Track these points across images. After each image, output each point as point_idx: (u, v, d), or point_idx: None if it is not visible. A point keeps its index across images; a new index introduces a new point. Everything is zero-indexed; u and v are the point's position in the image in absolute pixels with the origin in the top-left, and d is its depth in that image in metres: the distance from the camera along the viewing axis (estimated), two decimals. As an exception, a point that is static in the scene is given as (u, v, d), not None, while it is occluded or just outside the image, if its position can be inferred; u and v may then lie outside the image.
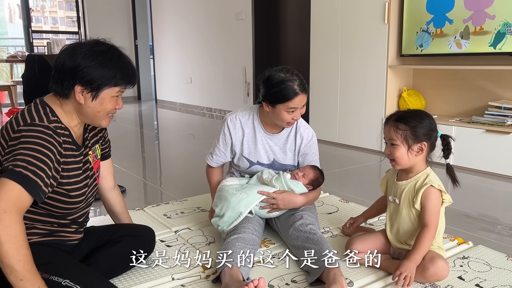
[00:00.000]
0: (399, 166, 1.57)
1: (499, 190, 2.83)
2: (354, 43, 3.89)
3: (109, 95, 1.36)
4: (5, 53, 8.04)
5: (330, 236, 1.96)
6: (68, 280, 1.22)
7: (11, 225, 1.11)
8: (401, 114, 1.57)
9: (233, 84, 5.97)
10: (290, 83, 1.73)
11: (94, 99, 1.34)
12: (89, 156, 1.47)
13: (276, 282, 1.55)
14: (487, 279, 1.58)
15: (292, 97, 1.74)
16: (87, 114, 1.37)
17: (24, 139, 1.23)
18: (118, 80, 1.35)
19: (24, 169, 1.18)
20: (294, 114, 1.78)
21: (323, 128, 4.21)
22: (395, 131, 1.54)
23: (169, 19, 7.22)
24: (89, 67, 1.30)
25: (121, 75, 1.35)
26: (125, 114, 6.64)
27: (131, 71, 1.40)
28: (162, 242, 1.89)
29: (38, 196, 1.20)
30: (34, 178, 1.19)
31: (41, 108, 1.32)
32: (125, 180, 2.97)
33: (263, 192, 1.80)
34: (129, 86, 1.41)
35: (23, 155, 1.20)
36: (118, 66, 1.35)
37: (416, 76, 3.85)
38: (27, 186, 1.17)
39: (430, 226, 1.51)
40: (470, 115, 3.34)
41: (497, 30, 3.03)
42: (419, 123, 1.53)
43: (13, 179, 1.16)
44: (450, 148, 1.59)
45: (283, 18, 5.31)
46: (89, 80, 1.31)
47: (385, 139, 1.60)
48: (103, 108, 1.37)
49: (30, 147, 1.22)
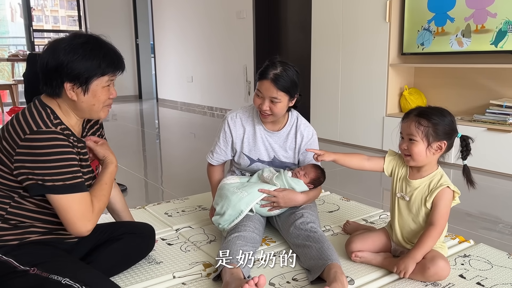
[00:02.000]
0: (415, 162, 1.53)
1: (501, 189, 2.83)
2: (355, 41, 3.89)
3: (99, 86, 1.33)
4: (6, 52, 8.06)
5: (331, 234, 1.96)
6: (68, 279, 1.22)
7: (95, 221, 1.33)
8: (423, 110, 1.52)
9: (234, 83, 5.96)
10: (271, 67, 1.75)
11: (85, 93, 1.32)
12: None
13: (277, 280, 1.55)
14: (488, 277, 1.57)
15: (261, 78, 1.77)
16: (83, 109, 1.36)
17: (40, 150, 1.23)
18: (104, 69, 1.32)
19: (65, 180, 1.25)
20: (261, 101, 1.79)
21: (324, 126, 4.21)
22: (417, 126, 1.48)
23: (170, 18, 7.22)
24: (73, 62, 1.28)
25: (106, 63, 1.32)
26: (126, 113, 6.64)
27: (115, 57, 1.36)
28: (163, 240, 1.89)
29: (86, 188, 1.32)
30: (76, 181, 1.27)
31: (42, 109, 1.31)
32: (127, 178, 2.97)
33: (263, 190, 1.80)
34: (118, 73, 1.38)
35: (52, 169, 1.23)
36: (101, 55, 1.31)
37: (417, 74, 3.84)
38: (76, 189, 1.27)
39: (437, 225, 1.49)
40: (471, 114, 3.34)
41: (498, 29, 3.03)
42: (442, 120, 1.49)
43: (65, 193, 1.25)
44: (470, 149, 1.54)
45: (284, 16, 5.31)
46: (76, 75, 1.29)
47: (401, 134, 1.55)
48: (97, 100, 1.34)
49: (53, 158, 1.23)
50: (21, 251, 1.27)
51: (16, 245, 1.28)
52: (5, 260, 1.25)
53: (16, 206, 1.29)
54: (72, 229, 1.28)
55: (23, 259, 1.25)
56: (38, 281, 1.22)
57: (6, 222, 1.29)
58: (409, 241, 1.62)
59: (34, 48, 7.74)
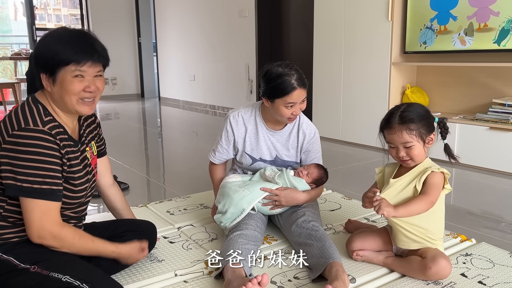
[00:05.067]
0: (416, 162, 1.55)
1: (503, 188, 2.82)
2: (357, 40, 3.88)
3: (67, 75, 1.26)
4: (9, 51, 8.07)
5: (333, 233, 1.96)
6: (69, 276, 1.22)
7: (53, 240, 1.27)
8: (403, 115, 1.51)
9: (236, 82, 5.96)
10: (288, 77, 1.73)
11: (54, 83, 1.28)
12: (87, 153, 1.46)
13: (279, 278, 1.55)
14: (490, 276, 1.57)
15: (289, 91, 1.73)
16: (57, 101, 1.31)
17: (21, 147, 1.22)
18: (70, 56, 1.24)
19: (33, 183, 1.22)
20: (294, 109, 1.78)
21: (326, 125, 4.21)
22: (409, 133, 1.49)
23: (173, 17, 7.22)
24: (42, 51, 1.27)
25: (74, 50, 1.25)
26: (128, 111, 6.65)
27: (85, 44, 1.28)
28: (165, 238, 1.89)
29: (59, 198, 1.28)
30: (44, 187, 1.24)
31: (34, 106, 1.29)
32: (129, 177, 2.98)
33: (265, 189, 1.80)
34: (89, 62, 1.27)
35: (25, 168, 1.21)
36: (69, 42, 1.26)
37: (419, 73, 3.84)
38: (46, 196, 1.24)
39: (428, 195, 1.48)
40: (474, 112, 3.33)
41: (501, 27, 3.02)
42: (423, 116, 1.53)
43: (30, 196, 1.22)
44: (447, 127, 1.60)
45: (286, 15, 5.30)
46: (44, 63, 1.27)
47: (392, 144, 1.54)
48: (65, 91, 1.27)
49: (31, 158, 1.22)
50: (21, 250, 1.27)
51: (15, 243, 1.28)
52: (5, 259, 1.25)
53: (13, 204, 1.28)
54: (27, 233, 1.25)
55: (23, 258, 1.25)
56: (39, 279, 1.22)
57: (5, 220, 1.29)
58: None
59: (36, 46, 7.76)
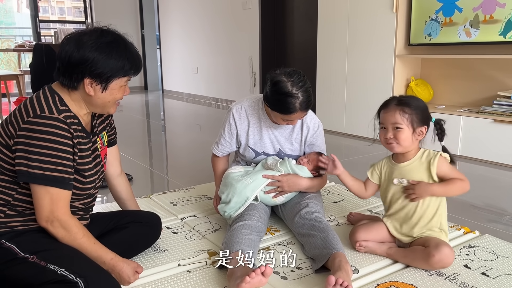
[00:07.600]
0: (401, 148, 1.57)
1: (507, 181, 2.81)
2: (361, 32, 3.86)
3: (118, 85, 1.38)
4: (12, 43, 8.08)
5: (336, 224, 1.96)
6: (64, 269, 1.23)
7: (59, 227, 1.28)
8: (402, 99, 1.58)
9: (239, 74, 5.95)
10: (293, 99, 1.66)
11: (104, 90, 1.35)
12: (97, 144, 1.48)
13: (281, 268, 1.56)
14: (493, 267, 1.57)
15: (290, 113, 1.70)
16: (97, 105, 1.39)
17: (36, 134, 1.24)
18: (126, 71, 1.37)
19: (45, 170, 1.24)
20: (290, 122, 1.78)
21: (330, 118, 4.20)
22: (401, 114, 1.54)
23: (176, 9, 7.20)
24: (98, 61, 1.30)
25: (130, 65, 1.37)
26: (132, 104, 6.65)
27: (138, 60, 1.41)
28: (168, 229, 1.90)
29: (69, 187, 1.30)
30: (56, 174, 1.26)
31: (50, 96, 1.32)
32: (132, 168, 2.99)
33: (268, 175, 1.80)
34: (136, 74, 1.44)
35: (38, 155, 1.23)
36: (126, 56, 1.36)
37: (424, 65, 3.81)
38: (57, 184, 1.26)
39: (463, 179, 1.53)
40: (478, 105, 3.31)
41: (507, 19, 2.99)
42: (421, 107, 1.56)
43: (41, 184, 1.24)
44: (444, 130, 1.61)
45: (290, 7, 5.27)
46: (99, 73, 1.32)
47: (383, 124, 1.59)
48: (113, 98, 1.39)
49: (44, 145, 1.24)
50: (24, 238, 1.28)
51: (20, 232, 1.29)
52: (7, 246, 1.26)
53: (22, 193, 1.30)
54: (36, 217, 1.29)
55: (24, 246, 1.27)
56: (36, 269, 1.24)
57: (13, 209, 1.30)
58: (407, 235, 1.61)
59: (40, 38, 7.76)
